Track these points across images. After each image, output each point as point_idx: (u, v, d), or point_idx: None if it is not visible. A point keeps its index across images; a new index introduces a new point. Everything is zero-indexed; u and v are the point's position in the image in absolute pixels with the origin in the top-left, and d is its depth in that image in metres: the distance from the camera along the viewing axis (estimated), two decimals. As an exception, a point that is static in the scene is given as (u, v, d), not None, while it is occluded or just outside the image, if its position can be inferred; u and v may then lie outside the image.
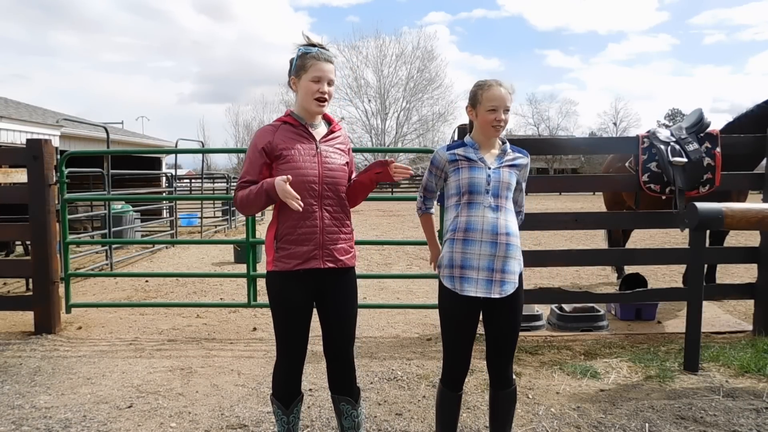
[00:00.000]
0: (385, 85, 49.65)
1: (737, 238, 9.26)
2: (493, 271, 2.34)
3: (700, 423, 3.09)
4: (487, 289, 2.34)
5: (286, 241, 2.33)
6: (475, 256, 2.34)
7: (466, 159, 2.43)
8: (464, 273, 2.36)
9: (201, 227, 13.76)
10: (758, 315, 4.61)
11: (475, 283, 2.34)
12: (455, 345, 2.46)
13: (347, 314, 2.47)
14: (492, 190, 2.37)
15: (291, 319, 2.37)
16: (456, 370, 2.49)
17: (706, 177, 4.45)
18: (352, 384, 2.54)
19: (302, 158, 2.33)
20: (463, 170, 2.42)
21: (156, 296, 6.59)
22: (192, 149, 15.39)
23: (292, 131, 2.38)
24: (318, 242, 2.34)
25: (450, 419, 2.57)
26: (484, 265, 2.34)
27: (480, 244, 2.34)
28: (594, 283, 6.94)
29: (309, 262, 2.33)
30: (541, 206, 15.40)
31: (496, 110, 2.39)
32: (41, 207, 4.81)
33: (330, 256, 2.37)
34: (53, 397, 3.51)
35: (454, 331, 2.45)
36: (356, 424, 2.56)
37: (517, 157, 2.50)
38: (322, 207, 2.36)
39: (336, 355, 2.50)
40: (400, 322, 5.27)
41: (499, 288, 2.35)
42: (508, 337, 2.44)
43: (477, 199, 2.37)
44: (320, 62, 2.33)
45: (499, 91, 2.40)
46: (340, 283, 2.43)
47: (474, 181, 2.38)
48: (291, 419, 2.46)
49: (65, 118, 13.74)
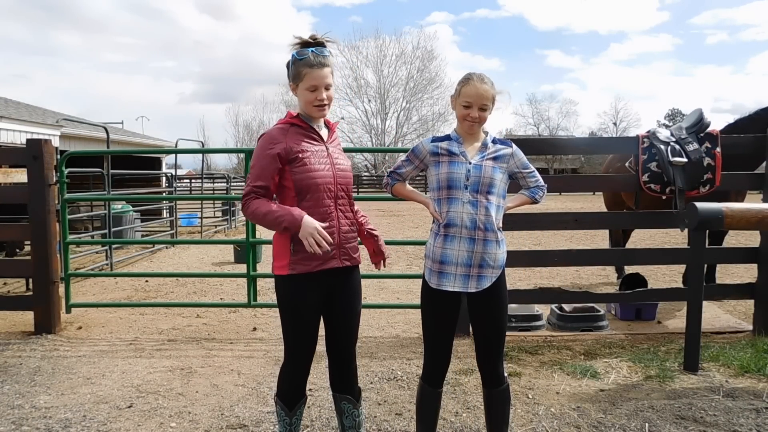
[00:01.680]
0: (385, 85, 49.68)
1: (737, 238, 9.26)
2: (471, 266, 2.37)
3: (700, 423, 3.09)
4: (464, 285, 2.37)
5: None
6: (454, 252, 2.37)
7: (448, 153, 2.42)
8: (443, 268, 2.40)
9: (201, 227, 13.75)
10: (758, 315, 4.61)
11: (453, 278, 2.38)
12: (434, 339, 2.48)
13: (354, 312, 2.49)
14: (471, 186, 2.36)
15: (305, 321, 2.36)
16: (435, 365, 2.50)
17: (706, 177, 4.45)
18: (353, 383, 2.56)
19: (317, 161, 2.32)
20: (443, 164, 2.41)
21: (156, 296, 6.59)
22: (192, 149, 15.40)
23: (303, 133, 2.35)
24: (336, 242, 2.35)
25: (430, 416, 2.58)
26: (463, 261, 2.36)
27: (459, 240, 2.36)
28: (594, 283, 6.94)
29: (329, 262, 2.34)
30: (541, 206, 15.37)
31: (470, 107, 2.37)
32: (41, 207, 4.81)
33: (346, 254, 2.41)
34: (53, 397, 3.51)
35: (433, 326, 2.47)
36: (357, 423, 2.57)
37: (500, 149, 2.46)
38: (337, 207, 2.38)
39: (340, 353, 2.51)
40: (400, 322, 5.27)
41: (475, 283, 2.37)
42: (494, 333, 2.44)
43: (456, 194, 2.37)
44: (314, 70, 2.28)
45: (476, 89, 2.36)
46: (349, 280, 2.46)
47: (453, 176, 2.37)
48: (293, 421, 2.46)
49: (65, 118, 13.75)
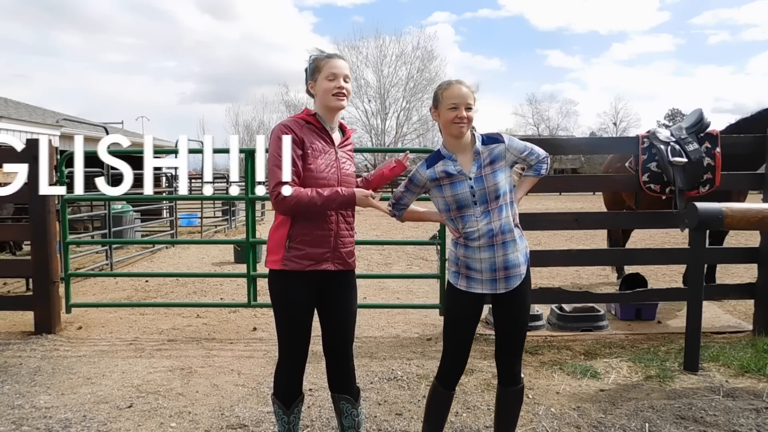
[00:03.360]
0: (385, 85, 49.67)
1: (737, 238, 9.26)
2: (496, 270, 2.39)
3: (700, 423, 3.09)
4: (492, 287, 2.41)
5: (301, 242, 2.34)
6: (477, 260, 2.40)
7: (446, 175, 2.40)
8: (470, 273, 2.42)
9: (201, 227, 13.74)
10: (758, 315, 4.61)
11: (480, 282, 2.41)
12: (456, 341, 2.49)
13: (349, 313, 2.51)
14: (479, 200, 2.38)
15: (296, 319, 2.40)
16: (453, 367, 2.52)
17: (706, 177, 4.45)
18: (351, 383, 2.57)
19: (324, 163, 2.36)
20: (446, 187, 2.41)
21: (156, 296, 6.58)
22: (192, 149, 15.36)
23: (316, 133, 2.39)
24: (331, 245, 2.39)
25: (440, 417, 2.60)
26: (486, 267, 2.39)
27: (479, 250, 2.38)
28: (594, 283, 6.93)
29: (321, 264, 2.37)
30: (541, 206, 15.37)
31: (457, 107, 2.36)
32: (41, 207, 4.81)
33: (340, 258, 2.43)
34: (53, 397, 3.51)
35: (457, 328, 2.47)
36: (356, 423, 2.58)
37: (493, 149, 2.43)
38: (338, 212, 2.40)
39: (336, 354, 2.53)
40: (400, 322, 5.27)
41: (504, 284, 2.40)
42: (516, 332, 2.48)
43: (467, 211, 2.40)
44: (333, 59, 2.39)
45: (459, 89, 2.38)
46: (342, 283, 2.48)
47: (459, 197, 2.39)
48: (292, 419, 2.48)
49: (65, 118, 13.77)
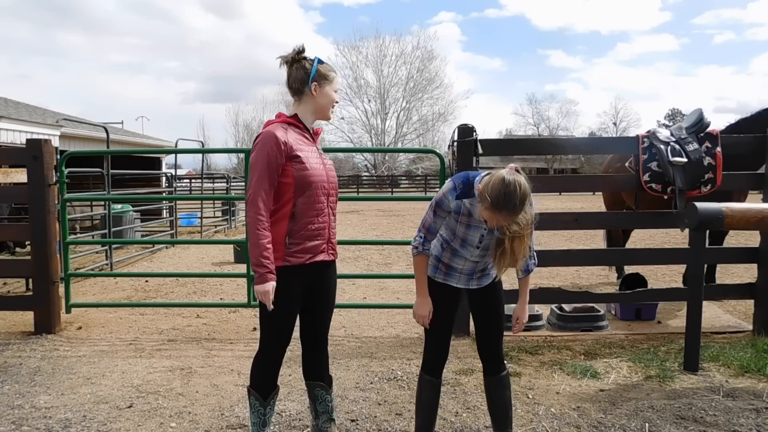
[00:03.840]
0: (385, 85, 49.75)
1: (737, 238, 9.26)
2: (474, 273, 2.57)
3: (700, 423, 3.09)
4: (467, 283, 2.59)
5: (301, 237, 2.45)
6: (459, 266, 2.55)
7: (468, 214, 2.39)
8: (449, 271, 2.58)
9: (201, 227, 13.75)
10: (758, 315, 4.61)
11: (457, 279, 2.58)
12: (435, 328, 2.61)
13: (332, 302, 2.69)
14: (483, 247, 2.47)
15: (291, 312, 2.50)
16: (436, 354, 2.64)
17: (707, 177, 4.44)
18: (326, 370, 2.74)
19: (314, 161, 2.48)
20: (461, 225, 2.43)
21: (156, 296, 6.58)
22: (192, 149, 15.40)
23: (300, 134, 2.50)
24: (326, 237, 2.54)
25: (428, 408, 2.68)
26: (467, 271, 2.56)
27: (464, 260, 2.54)
28: (594, 283, 6.93)
29: (319, 255, 2.52)
30: (541, 206, 15.32)
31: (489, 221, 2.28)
32: (41, 207, 4.82)
33: (332, 249, 2.61)
34: (53, 397, 3.51)
35: (436, 315, 2.58)
36: (330, 408, 2.74)
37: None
38: (329, 205, 2.55)
39: (317, 342, 2.69)
40: (400, 322, 5.27)
41: (477, 281, 2.59)
42: (493, 318, 2.61)
43: (466, 251, 2.49)
44: (337, 76, 2.59)
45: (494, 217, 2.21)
46: (330, 274, 2.64)
47: (468, 237, 2.47)
48: (267, 411, 2.57)
49: (65, 118, 13.75)
